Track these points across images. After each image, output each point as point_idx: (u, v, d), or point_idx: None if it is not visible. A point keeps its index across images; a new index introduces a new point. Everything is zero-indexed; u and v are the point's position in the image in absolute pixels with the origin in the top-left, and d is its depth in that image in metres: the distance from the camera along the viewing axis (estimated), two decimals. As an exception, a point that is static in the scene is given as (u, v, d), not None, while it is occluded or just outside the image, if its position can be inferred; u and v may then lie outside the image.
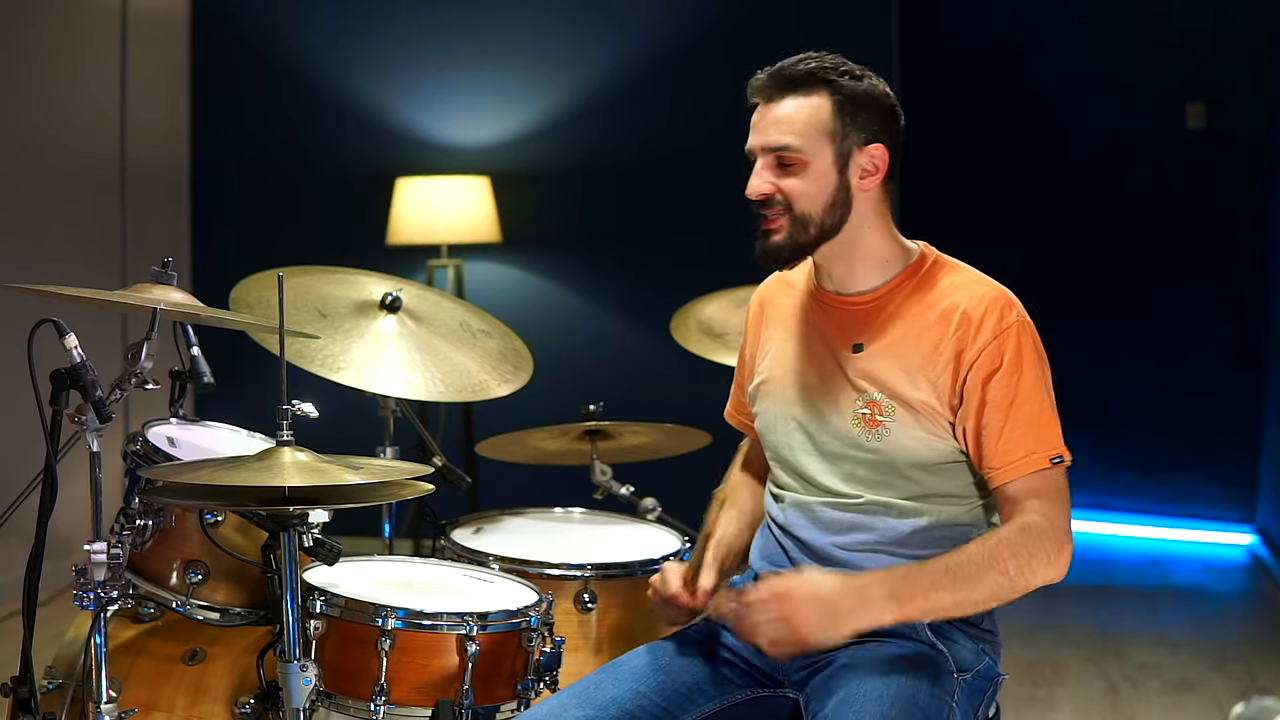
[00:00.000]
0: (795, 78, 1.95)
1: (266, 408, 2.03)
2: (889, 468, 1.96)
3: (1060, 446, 1.91)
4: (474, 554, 2.55)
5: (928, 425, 1.93)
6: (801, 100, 1.95)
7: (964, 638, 1.98)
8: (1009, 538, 1.87)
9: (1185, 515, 6.12)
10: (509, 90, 5.35)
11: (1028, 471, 1.89)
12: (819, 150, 1.94)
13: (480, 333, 2.92)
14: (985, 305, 1.94)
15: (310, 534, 2.00)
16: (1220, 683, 4.04)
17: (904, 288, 2.00)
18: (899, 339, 1.97)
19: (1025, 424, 1.90)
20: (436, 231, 5.04)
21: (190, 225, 5.57)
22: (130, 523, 2.11)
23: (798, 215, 1.95)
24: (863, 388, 1.97)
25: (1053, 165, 6.26)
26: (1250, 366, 5.95)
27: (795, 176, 1.95)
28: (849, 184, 1.96)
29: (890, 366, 1.96)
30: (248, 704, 2.23)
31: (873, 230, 2.00)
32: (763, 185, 1.96)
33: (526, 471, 3.24)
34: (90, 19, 4.98)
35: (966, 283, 1.98)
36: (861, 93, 1.95)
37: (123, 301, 2.08)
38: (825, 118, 1.94)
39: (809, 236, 1.96)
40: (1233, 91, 5.99)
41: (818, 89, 1.95)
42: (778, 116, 1.96)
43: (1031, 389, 1.91)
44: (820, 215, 1.95)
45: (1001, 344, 1.91)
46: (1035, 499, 1.88)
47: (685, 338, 3.42)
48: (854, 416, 1.98)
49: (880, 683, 1.87)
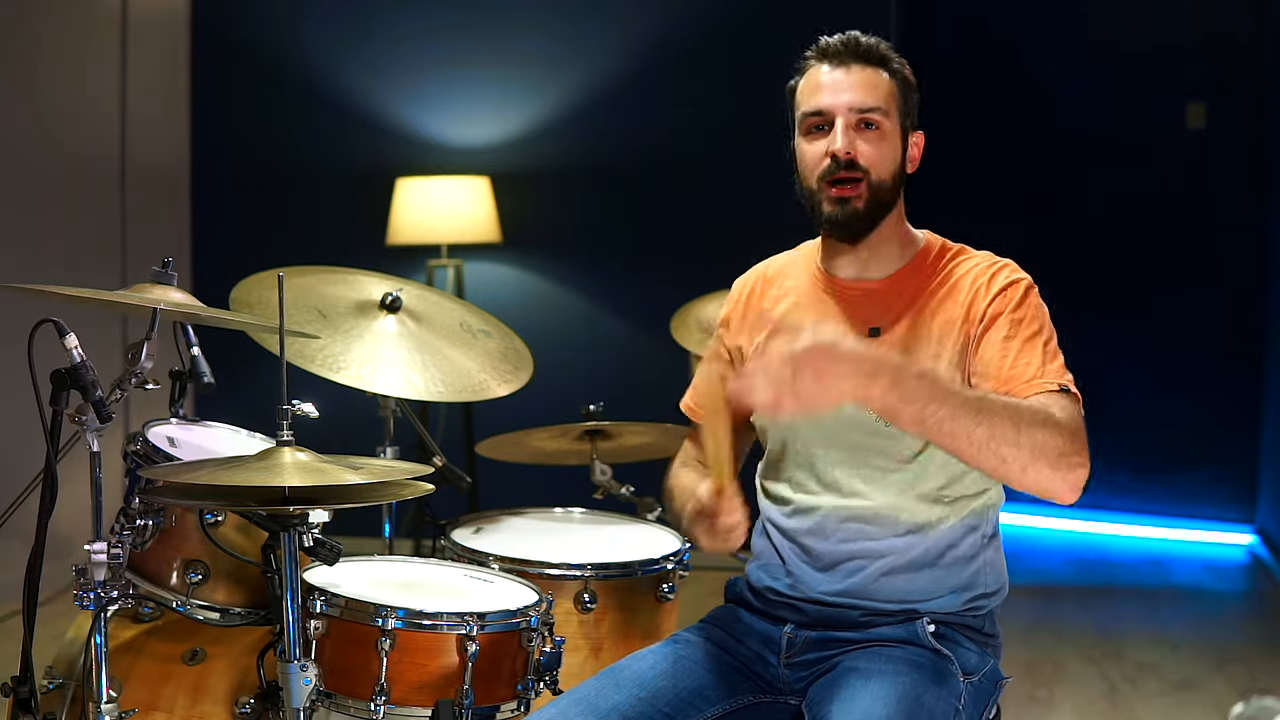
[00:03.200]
0: (869, 50, 1.99)
1: (266, 408, 2.03)
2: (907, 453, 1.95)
3: (1067, 379, 1.83)
4: (474, 554, 2.55)
5: None
6: (874, 71, 1.98)
7: (968, 642, 1.98)
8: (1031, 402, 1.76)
9: (1185, 515, 6.12)
10: (509, 90, 5.35)
11: (1040, 390, 1.81)
12: (894, 121, 1.99)
13: (480, 333, 2.92)
14: (994, 268, 1.97)
15: (310, 534, 2.00)
16: (1220, 683, 4.04)
17: (918, 272, 2.01)
18: (917, 320, 1.96)
19: (1031, 351, 1.87)
20: (436, 231, 5.04)
21: (190, 225, 5.57)
22: (130, 523, 2.10)
23: (874, 182, 1.96)
24: None
25: (1052, 165, 6.27)
26: (1250, 366, 5.96)
27: (874, 144, 1.96)
28: (904, 162, 2.01)
29: (908, 349, 1.94)
30: (248, 704, 2.24)
31: (897, 215, 2.03)
32: (849, 144, 1.95)
33: (526, 471, 3.24)
34: (90, 19, 4.98)
35: (975, 259, 2.01)
36: (912, 82, 2.02)
37: (123, 301, 2.08)
38: (895, 92, 1.99)
39: (880, 205, 1.98)
40: (1233, 91, 5.99)
41: (884, 66, 1.99)
42: (863, 79, 1.97)
43: (1042, 327, 1.91)
44: (890, 185, 1.98)
45: (1010, 290, 1.93)
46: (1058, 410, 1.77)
47: (685, 338, 3.42)
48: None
49: (883, 684, 1.85)
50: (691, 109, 5.15)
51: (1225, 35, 6.00)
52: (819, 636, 1.99)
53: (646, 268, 5.22)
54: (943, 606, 1.97)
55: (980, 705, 1.96)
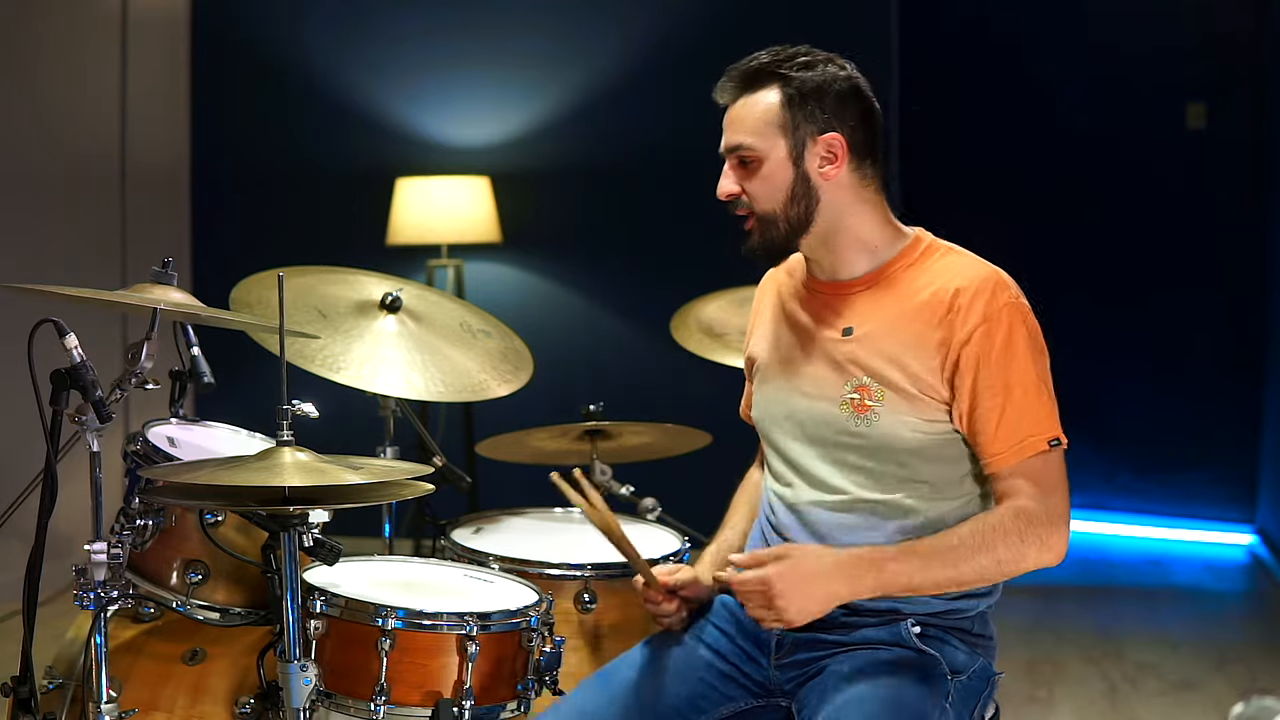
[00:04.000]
0: (747, 75, 2.00)
1: (266, 408, 2.03)
2: (879, 453, 1.95)
3: (1056, 429, 1.90)
4: (474, 554, 2.55)
5: (920, 409, 1.92)
6: (753, 97, 1.99)
7: (957, 640, 1.98)
8: (1002, 523, 1.87)
9: (1185, 515, 6.11)
10: (509, 90, 5.35)
11: (1024, 457, 1.88)
12: (773, 145, 1.97)
13: (480, 333, 2.92)
14: (976, 287, 1.92)
15: (310, 534, 2.00)
16: (1220, 683, 4.04)
17: (895, 271, 1.99)
18: (888, 322, 1.96)
19: (1020, 409, 1.89)
20: (436, 231, 5.04)
21: (190, 225, 5.57)
22: (130, 523, 2.11)
23: (761, 215, 1.99)
24: (851, 372, 1.97)
25: (1052, 165, 6.26)
26: (1250, 366, 5.95)
27: (755, 175, 1.98)
28: (807, 175, 1.97)
29: (879, 350, 1.95)
30: (248, 704, 2.23)
31: (856, 217, 1.99)
32: (728, 185, 2.01)
33: (526, 471, 3.24)
34: (90, 19, 4.98)
35: (959, 265, 1.97)
36: (814, 83, 1.96)
37: (123, 301, 2.08)
38: (775, 112, 1.97)
39: (780, 233, 1.98)
40: (1233, 91, 5.98)
41: (768, 83, 1.98)
42: (735, 116, 2.01)
43: (1024, 371, 1.90)
44: (783, 210, 1.97)
45: (992, 327, 1.89)
46: (1031, 484, 1.88)
47: (685, 338, 3.42)
48: (842, 402, 1.97)
49: (868, 686, 1.88)
50: (691, 109, 5.13)
51: (1225, 35, 6.00)
52: (807, 638, 1.99)
53: (646, 268, 5.21)
54: (926, 607, 1.97)
55: (970, 703, 1.96)
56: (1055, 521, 1.88)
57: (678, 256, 5.14)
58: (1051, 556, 1.89)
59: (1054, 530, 1.88)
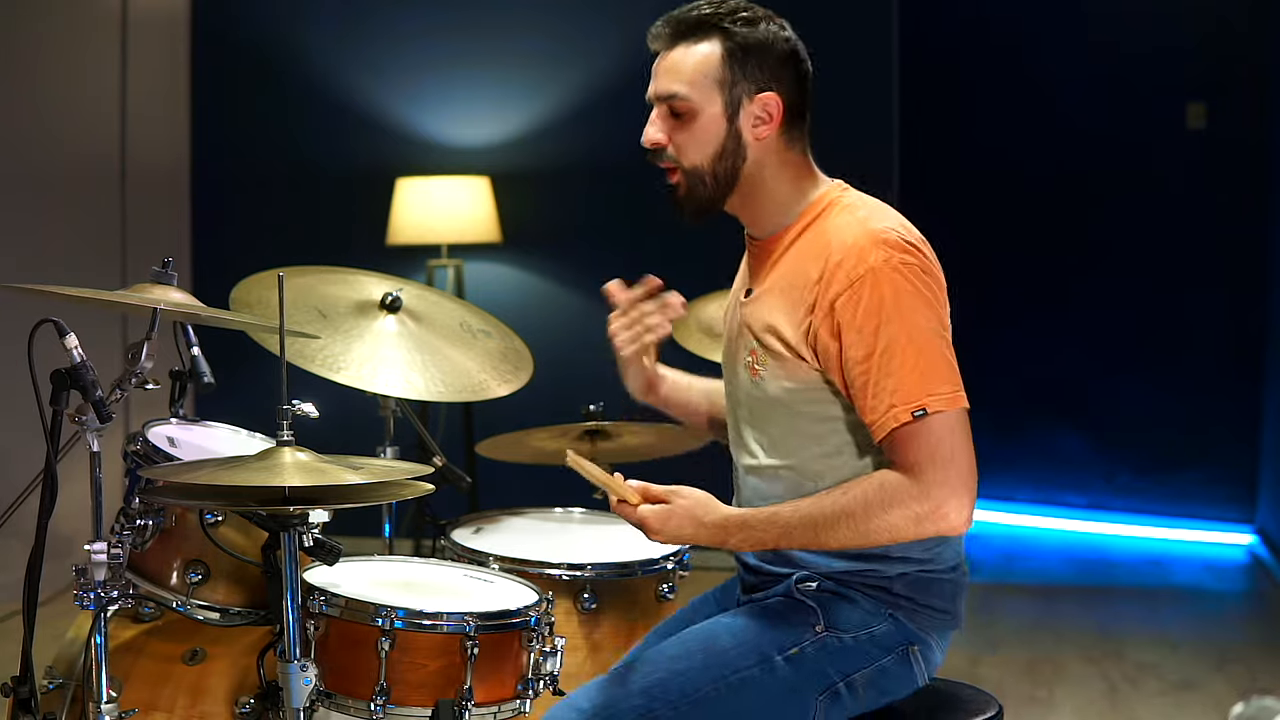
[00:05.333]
0: (688, 24, 1.97)
1: (266, 408, 2.03)
2: (772, 418, 1.95)
3: (923, 397, 1.79)
4: (474, 554, 2.55)
5: (794, 372, 1.90)
6: (693, 47, 1.96)
7: (859, 597, 1.94)
8: (864, 491, 1.82)
9: (1185, 515, 6.11)
10: (509, 90, 5.35)
11: (892, 426, 1.80)
12: (708, 99, 1.95)
13: (480, 333, 2.92)
14: (847, 248, 1.85)
15: (310, 534, 2.00)
16: (1220, 683, 4.04)
17: (794, 231, 1.96)
18: (775, 284, 1.95)
19: (883, 376, 1.80)
20: (436, 231, 5.04)
21: (190, 225, 5.57)
22: (130, 523, 2.11)
23: (688, 169, 1.97)
24: (746, 336, 1.98)
25: (1052, 165, 6.27)
26: (1250, 366, 5.95)
27: (685, 128, 1.96)
28: (740, 133, 1.95)
29: (763, 313, 1.95)
30: (248, 704, 2.23)
31: (776, 178, 1.97)
32: (655, 134, 2.01)
33: (526, 471, 3.24)
34: (90, 19, 4.98)
35: (844, 225, 1.90)
36: (755, 40, 1.93)
37: (123, 301, 2.08)
38: (715, 65, 1.94)
39: (707, 190, 1.97)
40: (1233, 91, 5.99)
41: (709, 35, 1.95)
42: (670, 64, 1.99)
43: (892, 337, 1.80)
44: (710, 165, 1.96)
45: (857, 291, 1.82)
46: (901, 455, 1.81)
47: (685, 338, 3.42)
48: (745, 365, 1.98)
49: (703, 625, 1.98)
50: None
51: (1225, 35, 6.00)
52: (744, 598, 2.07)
53: (646, 268, 5.18)
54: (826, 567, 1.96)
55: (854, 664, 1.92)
56: (929, 493, 1.78)
57: (678, 256, 5.14)
58: (935, 528, 1.80)
59: (926, 501, 1.78)
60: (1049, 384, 6.17)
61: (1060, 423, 6.20)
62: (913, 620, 1.95)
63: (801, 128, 1.98)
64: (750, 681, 1.89)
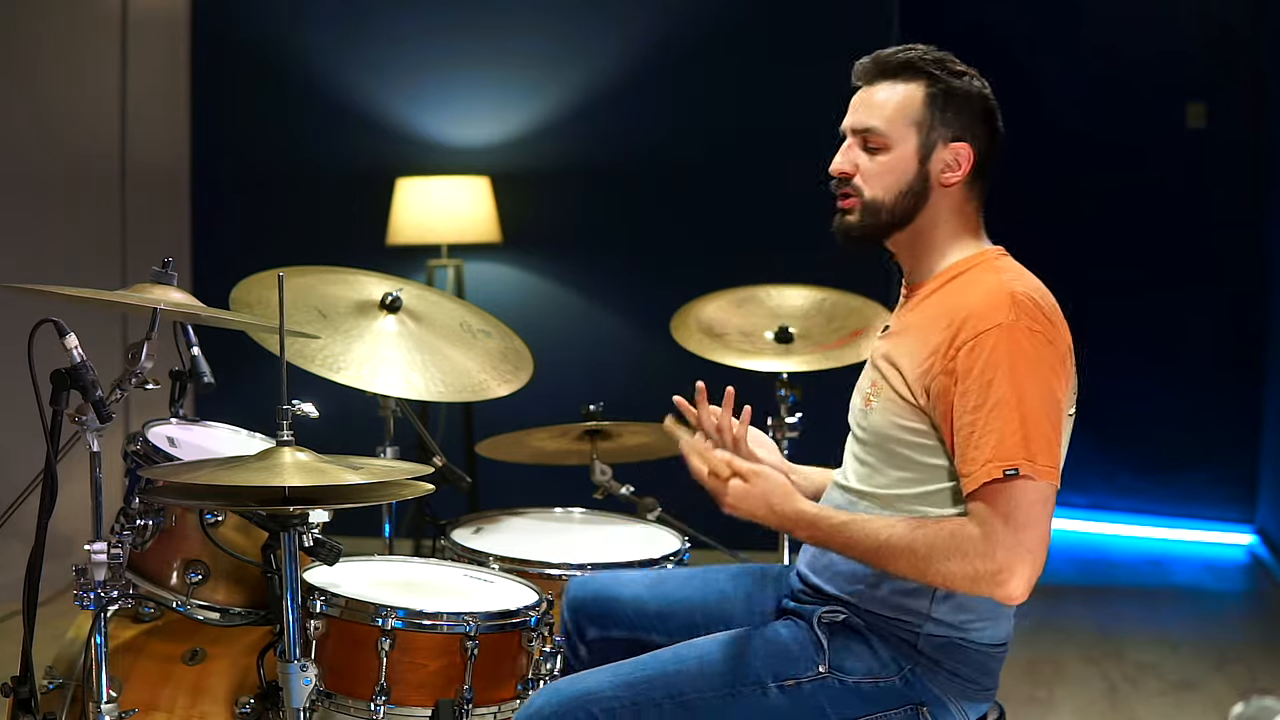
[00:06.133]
0: (894, 64, 2.00)
1: (266, 408, 2.03)
2: (874, 447, 1.98)
3: (1021, 459, 1.79)
4: (474, 554, 2.55)
5: (904, 411, 1.93)
6: (897, 86, 1.99)
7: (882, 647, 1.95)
8: (934, 533, 1.82)
9: (1185, 515, 6.11)
10: (509, 90, 5.35)
11: (984, 480, 1.80)
12: (903, 137, 1.98)
13: (480, 333, 2.92)
14: (980, 302, 1.88)
15: (310, 534, 2.00)
16: (1220, 683, 4.04)
17: (943, 279, 2.00)
18: (912, 324, 1.98)
19: (988, 432, 1.81)
20: (436, 231, 5.04)
21: (190, 225, 5.57)
22: (130, 523, 2.11)
23: (868, 200, 1.98)
24: (874, 367, 2.02)
25: (1052, 165, 6.26)
26: (1250, 366, 5.95)
27: (875, 160, 1.98)
28: (929, 175, 1.98)
29: (893, 349, 1.98)
30: (248, 704, 2.24)
31: (947, 225, 2.01)
32: (844, 164, 2.01)
33: (526, 471, 3.24)
34: (90, 19, 4.98)
35: (985, 280, 1.94)
36: (959, 90, 2.00)
37: (123, 301, 2.08)
38: (916, 107, 1.98)
39: (879, 220, 1.99)
40: (1233, 91, 5.98)
41: (915, 78, 1.99)
42: (871, 100, 2.00)
43: (1005, 395, 1.81)
44: (892, 201, 1.98)
45: (982, 342, 1.84)
46: (984, 509, 1.80)
47: (685, 338, 3.42)
48: (863, 394, 2.03)
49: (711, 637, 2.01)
50: (691, 109, 5.15)
51: (1225, 36, 6.00)
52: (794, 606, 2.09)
53: (646, 268, 5.21)
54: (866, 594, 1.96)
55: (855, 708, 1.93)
56: (994, 555, 1.77)
57: (678, 256, 5.14)
58: (990, 590, 1.79)
59: (988, 562, 1.77)
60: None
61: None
62: (932, 681, 1.94)
63: (983, 185, 2.04)
64: (740, 698, 1.92)
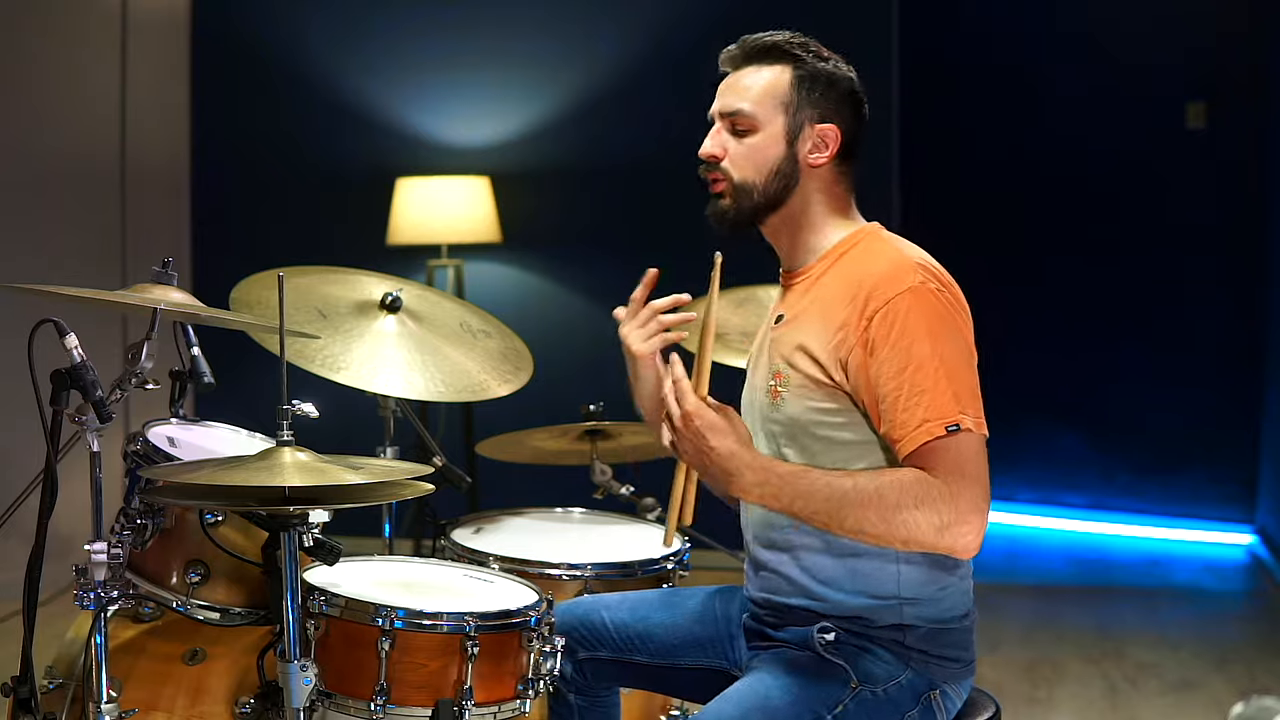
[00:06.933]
0: (761, 48, 2.04)
1: (266, 408, 2.03)
2: (792, 438, 1.97)
3: (956, 414, 1.81)
4: (474, 554, 2.55)
5: (820, 393, 1.93)
6: (763, 69, 2.03)
7: (882, 651, 1.97)
8: (898, 481, 1.81)
9: (1185, 515, 6.12)
10: (509, 90, 5.35)
11: (922, 441, 1.81)
12: (771, 118, 2.01)
13: (480, 333, 2.92)
14: (882, 272, 1.90)
15: (310, 534, 2.00)
16: (1220, 683, 4.04)
17: (828, 260, 2.02)
18: (808, 308, 1.99)
19: (917, 393, 1.82)
20: (436, 231, 5.04)
21: (190, 225, 5.57)
22: (130, 523, 2.11)
23: (738, 183, 2.02)
24: (774, 360, 2.01)
25: (1052, 165, 6.27)
26: (1250, 366, 5.95)
27: (743, 143, 2.02)
28: (797, 156, 2.01)
29: (794, 335, 1.98)
30: (248, 704, 2.24)
31: (820, 206, 2.03)
32: (713, 148, 2.05)
33: (526, 471, 3.24)
34: (90, 19, 4.98)
35: (884, 251, 1.96)
36: (824, 72, 2.02)
37: (123, 301, 2.08)
38: (782, 89, 2.01)
39: (752, 202, 2.03)
40: (1233, 91, 5.99)
41: (781, 60, 2.03)
42: (738, 83, 2.05)
43: (925, 355, 1.83)
44: (763, 182, 2.01)
45: (893, 307, 1.86)
46: (932, 467, 1.80)
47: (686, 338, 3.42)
48: (766, 389, 2.02)
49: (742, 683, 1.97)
50: (691, 109, 5.14)
51: (1225, 36, 6.00)
52: (755, 628, 2.09)
53: (646, 268, 5.20)
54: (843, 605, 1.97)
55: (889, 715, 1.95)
56: (960, 504, 1.78)
57: (677, 256, 5.13)
58: (951, 540, 1.79)
59: (957, 512, 1.78)
60: (1049, 384, 6.17)
61: (1060, 423, 6.20)
62: (928, 670, 1.98)
63: (851, 165, 2.05)
64: None
